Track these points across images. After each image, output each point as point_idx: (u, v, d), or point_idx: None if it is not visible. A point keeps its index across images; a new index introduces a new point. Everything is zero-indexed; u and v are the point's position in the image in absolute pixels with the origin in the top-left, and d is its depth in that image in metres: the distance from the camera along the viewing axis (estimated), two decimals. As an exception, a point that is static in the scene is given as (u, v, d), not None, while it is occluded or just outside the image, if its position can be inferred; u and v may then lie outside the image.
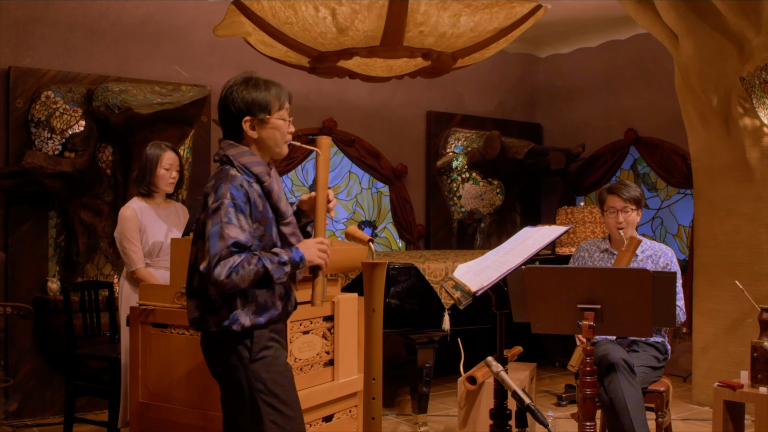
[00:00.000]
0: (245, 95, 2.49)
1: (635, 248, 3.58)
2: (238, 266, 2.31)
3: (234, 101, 2.49)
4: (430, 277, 4.52)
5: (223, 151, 2.51)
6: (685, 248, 6.64)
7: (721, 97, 5.13)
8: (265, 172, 2.50)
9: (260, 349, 2.47)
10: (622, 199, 3.81)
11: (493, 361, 2.64)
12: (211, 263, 2.31)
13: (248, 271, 2.33)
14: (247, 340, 2.45)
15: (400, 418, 5.06)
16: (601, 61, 7.27)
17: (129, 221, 3.88)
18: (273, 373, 2.48)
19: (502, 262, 2.87)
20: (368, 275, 2.84)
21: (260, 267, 2.35)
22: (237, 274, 2.31)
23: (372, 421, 2.83)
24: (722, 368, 5.14)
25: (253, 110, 2.49)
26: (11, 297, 4.90)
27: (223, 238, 2.32)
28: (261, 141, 2.53)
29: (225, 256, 2.31)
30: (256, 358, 2.46)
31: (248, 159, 2.49)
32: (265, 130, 2.52)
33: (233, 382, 2.48)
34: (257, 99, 2.49)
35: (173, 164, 3.98)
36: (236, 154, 2.48)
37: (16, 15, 5.00)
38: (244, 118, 2.49)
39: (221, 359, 2.50)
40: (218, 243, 2.32)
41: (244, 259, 2.33)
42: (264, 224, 2.47)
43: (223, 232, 2.33)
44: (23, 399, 4.96)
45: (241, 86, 2.50)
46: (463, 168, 7.05)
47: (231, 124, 2.52)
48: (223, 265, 2.30)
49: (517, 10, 4.31)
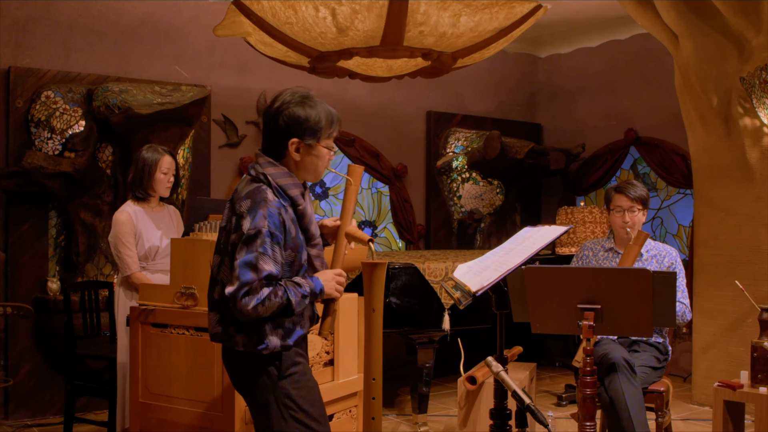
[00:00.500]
0: (299, 113, 2.40)
1: (643, 243, 3.58)
2: (265, 299, 2.30)
3: (285, 117, 2.41)
4: (430, 277, 4.52)
5: (261, 168, 2.42)
6: (685, 248, 6.63)
7: (721, 97, 5.13)
8: (299, 195, 2.44)
9: (288, 366, 2.45)
10: (629, 199, 3.80)
11: (493, 361, 2.63)
12: (240, 292, 2.28)
13: (273, 303, 2.32)
14: (276, 360, 2.43)
15: (400, 418, 5.06)
16: (601, 61, 7.27)
17: (124, 225, 3.86)
18: (302, 389, 2.46)
19: (502, 262, 2.87)
20: (368, 275, 2.85)
21: (284, 300, 2.34)
22: (263, 306, 2.30)
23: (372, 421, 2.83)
24: (722, 368, 5.13)
25: (302, 133, 2.41)
26: (11, 297, 4.90)
27: (256, 269, 2.29)
28: (302, 165, 2.46)
29: (255, 288, 2.29)
30: (285, 375, 2.44)
31: (286, 181, 2.42)
32: (309, 156, 2.45)
33: (262, 399, 2.46)
34: (310, 123, 2.41)
35: (171, 168, 3.96)
36: (275, 174, 2.41)
37: (16, 15, 5.00)
38: (291, 139, 2.42)
39: (249, 378, 2.46)
40: (250, 273, 2.29)
41: (272, 292, 2.31)
42: (296, 250, 2.44)
43: (258, 263, 2.29)
44: (23, 399, 4.96)
45: (297, 105, 2.41)
46: (463, 168, 7.05)
47: (275, 138, 2.44)
48: (251, 297, 2.29)
49: (517, 10, 4.31)
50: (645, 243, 3.78)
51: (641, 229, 3.87)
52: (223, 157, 5.92)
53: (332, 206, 6.58)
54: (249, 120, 6.03)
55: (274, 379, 2.43)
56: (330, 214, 6.54)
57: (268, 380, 2.43)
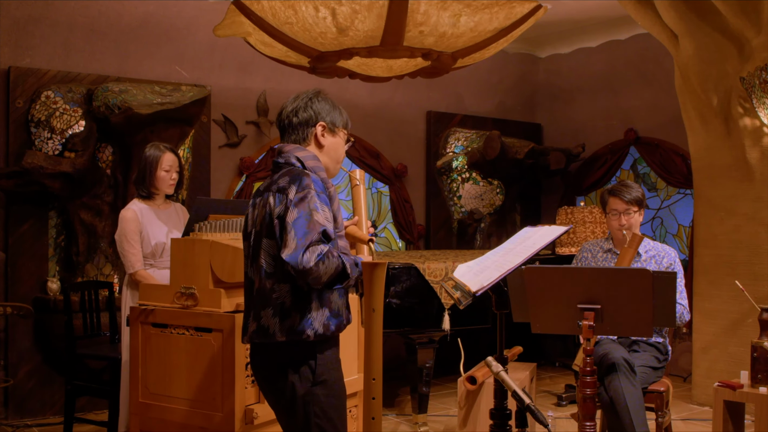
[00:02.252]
0: (324, 105, 2.55)
1: (638, 245, 3.57)
2: (324, 255, 2.27)
3: (309, 108, 2.53)
4: (430, 277, 4.52)
5: (290, 154, 2.49)
6: (685, 248, 6.64)
7: (721, 97, 5.13)
8: (327, 179, 2.51)
9: (324, 371, 2.43)
10: (624, 202, 3.79)
11: (493, 361, 2.64)
12: (300, 249, 2.25)
13: (332, 263, 2.29)
14: (311, 361, 2.41)
15: (400, 418, 5.06)
16: (601, 61, 7.27)
17: (130, 223, 3.87)
18: (332, 398, 2.45)
19: (502, 262, 2.87)
20: (368, 275, 2.84)
21: (340, 262, 2.32)
22: (323, 264, 2.26)
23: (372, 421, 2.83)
24: (722, 368, 5.13)
25: (325, 118, 2.54)
26: (11, 297, 4.90)
27: (312, 225, 2.28)
28: (326, 150, 2.56)
29: (315, 242, 2.27)
30: (319, 381, 2.42)
31: (314, 163, 2.49)
32: (333, 139, 2.57)
33: (289, 400, 2.43)
34: (332, 112, 2.56)
35: (173, 165, 3.97)
36: (305, 157, 2.48)
37: (16, 15, 5.00)
38: (318, 123, 2.53)
39: (281, 375, 2.42)
40: (306, 229, 2.27)
41: (329, 250, 2.29)
42: (335, 227, 2.45)
43: (313, 218, 2.29)
44: (23, 399, 4.96)
45: (315, 97, 2.55)
46: (463, 168, 7.05)
47: (297, 129, 2.53)
48: (312, 251, 2.25)
49: (517, 10, 4.31)
50: (643, 243, 3.78)
51: (639, 227, 3.87)
52: (223, 157, 5.92)
53: (332, 206, 6.58)
54: (249, 120, 6.04)
55: (307, 383, 2.40)
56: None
57: (299, 381, 2.40)
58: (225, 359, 3.02)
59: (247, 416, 3.03)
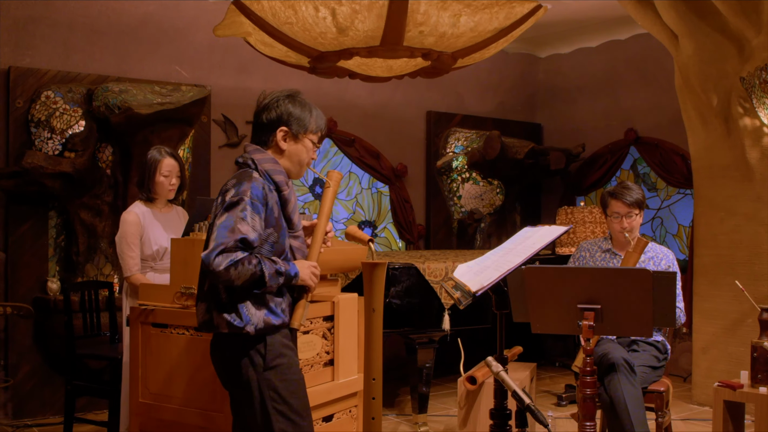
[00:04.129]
0: (289, 107, 2.58)
1: (642, 250, 3.56)
2: (238, 262, 2.35)
3: (277, 108, 2.58)
4: (430, 277, 4.52)
5: (249, 155, 2.56)
6: (685, 248, 6.64)
7: (721, 97, 5.13)
8: (284, 182, 2.56)
9: (274, 357, 2.47)
10: (626, 204, 3.78)
11: (493, 361, 2.64)
12: (214, 252, 2.35)
13: (246, 270, 2.36)
14: (260, 345, 2.46)
15: (400, 418, 5.06)
16: (601, 61, 7.27)
17: (131, 226, 3.85)
18: (286, 381, 2.48)
19: (502, 262, 2.87)
20: (368, 275, 2.85)
21: (258, 269, 2.38)
22: (235, 269, 2.35)
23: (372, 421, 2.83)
24: (722, 368, 5.13)
25: (290, 123, 2.58)
26: (11, 297, 4.90)
27: (233, 231, 2.37)
28: (287, 154, 2.60)
29: (230, 249, 2.35)
30: (270, 366, 2.46)
31: (271, 166, 2.55)
32: (295, 145, 2.60)
33: (245, 388, 2.48)
34: (298, 114, 2.58)
35: (172, 171, 3.93)
36: (261, 159, 2.55)
37: (16, 15, 5.00)
38: (280, 127, 2.56)
39: (233, 364, 2.48)
40: (227, 234, 2.37)
41: (246, 258, 2.36)
42: (278, 231, 2.52)
43: (235, 225, 2.38)
44: (23, 399, 4.96)
45: (286, 98, 2.60)
46: (463, 168, 7.05)
47: (264, 129, 2.60)
48: (225, 256, 2.35)
49: (517, 10, 4.31)
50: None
51: (639, 228, 3.87)
52: (223, 157, 5.92)
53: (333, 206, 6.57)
54: (249, 120, 6.00)
55: (260, 369, 2.45)
56: (331, 216, 6.54)
57: (253, 369, 2.45)
58: (225, 359, 3.02)
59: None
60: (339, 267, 3.82)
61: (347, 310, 3.56)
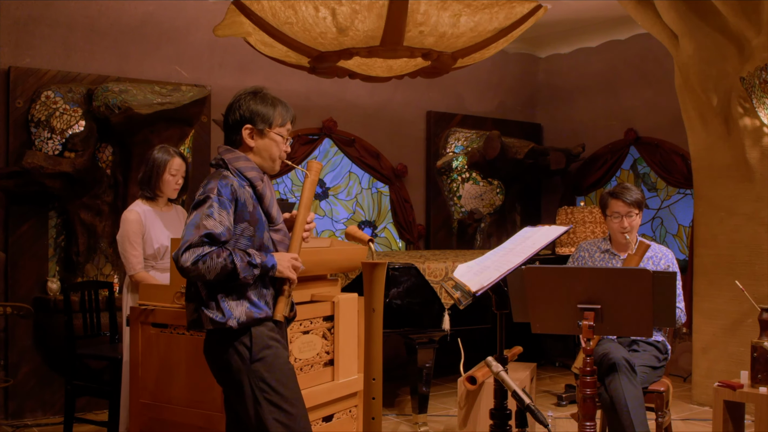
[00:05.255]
0: (251, 105, 2.63)
1: (643, 253, 3.57)
2: (206, 256, 2.40)
3: (240, 108, 2.63)
4: (430, 277, 4.52)
5: (220, 156, 2.64)
6: (685, 248, 6.64)
7: (721, 97, 5.13)
8: (258, 178, 2.61)
9: (261, 349, 2.50)
10: (626, 204, 3.79)
11: (493, 361, 2.64)
12: (181, 249, 2.41)
13: (215, 263, 2.41)
14: (245, 338, 2.50)
15: (400, 418, 5.06)
16: (601, 61, 7.27)
17: (133, 225, 3.86)
18: (275, 372, 2.51)
19: (502, 262, 2.87)
20: (368, 275, 2.84)
21: (228, 262, 2.42)
22: (203, 263, 2.40)
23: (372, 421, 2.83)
24: (722, 368, 5.13)
25: (254, 120, 2.62)
26: (11, 297, 4.90)
27: (198, 228, 2.43)
28: (256, 150, 2.65)
29: (195, 244, 2.41)
30: (257, 358, 2.50)
31: (242, 164, 2.61)
32: (262, 141, 2.64)
33: (235, 382, 2.52)
34: (261, 111, 2.63)
35: (180, 170, 3.97)
36: (231, 159, 2.63)
37: (16, 15, 5.00)
38: (244, 126, 2.62)
39: (221, 359, 2.53)
40: (193, 231, 2.43)
41: (214, 252, 2.42)
42: (254, 225, 2.56)
43: (201, 222, 2.44)
44: (23, 399, 4.96)
45: (249, 96, 2.65)
46: (463, 168, 7.05)
47: (232, 129, 2.66)
48: (192, 252, 2.40)
49: (517, 10, 4.31)
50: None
51: (638, 228, 3.87)
52: (223, 157, 5.91)
53: (332, 206, 6.58)
54: (249, 120, 6.03)
55: (247, 361, 2.49)
56: (330, 214, 6.55)
57: (241, 362, 2.49)
58: (225, 359, 3.02)
59: (247, 416, 3.02)
60: (339, 267, 3.82)
61: (347, 310, 3.56)
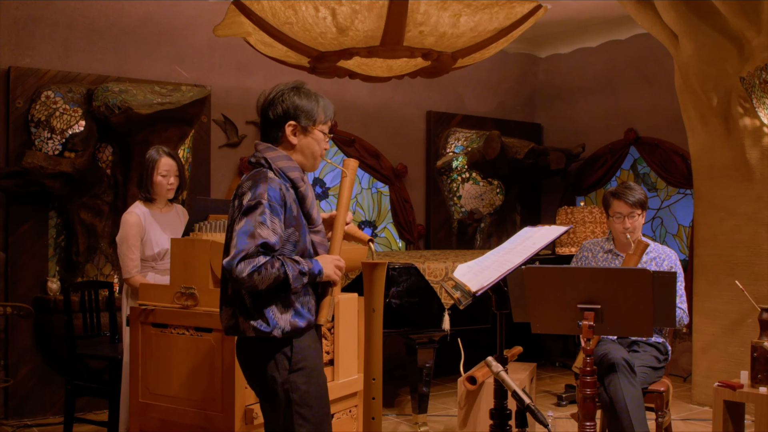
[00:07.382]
0: (295, 100, 2.52)
1: (642, 252, 3.56)
2: (261, 267, 2.31)
3: (282, 103, 2.51)
4: (430, 277, 4.52)
5: (261, 154, 2.51)
6: (685, 248, 6.63)
7: (721, 97, 5.13)
8: (299, 178, 2.50)
9: (300, 359, 2.45)
10: (629, 205, 3.77)
11: (493, 361, 2.64)
12: (236, 258, 2.31)
13: (269, 274, 2.33)
14: (287, 348, 2.44)
15: (400, 418, 5.06)
16: (601, 61, 7.27)
17: (133, 227, 3.84)
18: (311, 385, 2.46)
19: (502, 262, 2.87)
20: (368, 275, 2.84)
21: (281, 272, 2.35)
22: (258, 274, 2.31)
23: (372, 421, 2.83)
24: (722, 368, 5.13)
25: (299, 116, 2.51)
26: (11, 297, 4.90)
27: (253, 236, 2.33)
28: (299, 149, 2.54)
29: (251, 254, 2.31)
30: (296, 368, 2.44)
31: (285, 163, 2.49)
32: (306, 139, 2.54)
33: (269, 390, 2.46)
34: (306, 106, 2.52)
35: (170, 170, 3.92)
36: (274, 158, 2.49)
37: (16, 15, 5.00)
38: (288, 122, 2.51)
39: (259, 367, 2.47)
40: (248, 240, 2.32)
41: (268, 262, 2.33)
42: (298, 229, 2.47)
43: (255, 230, 2.33)
44: (23, 399, 4.96)
45: (292, 91, 2.54)
46: (463, 168, 7.05)
47: (272, 125, 2.53)
48: (248, 262, 2.31)
49: (517, 10, 4.31)
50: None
51: (641, 229, 3.86)
52: (223, 157, 5.92)
53: (332, 206, 6.58)
54: (249, 120, 6.03)
55: (285, 372, 2.43)
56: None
57: (279, 373, 2.43)
58: (225, 359, 3.03)
59: (247, 416, 3.03)
60: (339, 267, 3.81)
61: (347, 310, 3.56)
